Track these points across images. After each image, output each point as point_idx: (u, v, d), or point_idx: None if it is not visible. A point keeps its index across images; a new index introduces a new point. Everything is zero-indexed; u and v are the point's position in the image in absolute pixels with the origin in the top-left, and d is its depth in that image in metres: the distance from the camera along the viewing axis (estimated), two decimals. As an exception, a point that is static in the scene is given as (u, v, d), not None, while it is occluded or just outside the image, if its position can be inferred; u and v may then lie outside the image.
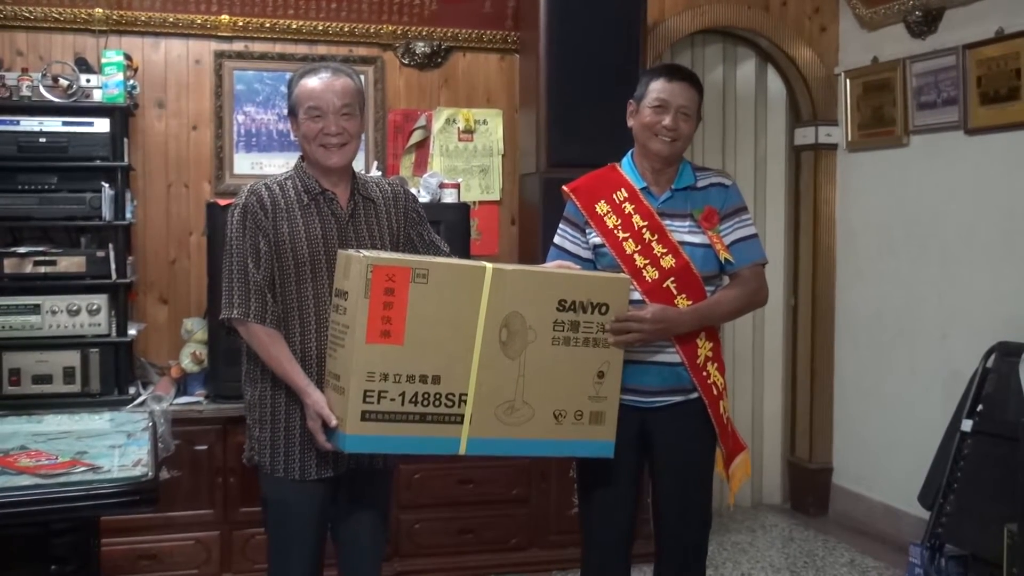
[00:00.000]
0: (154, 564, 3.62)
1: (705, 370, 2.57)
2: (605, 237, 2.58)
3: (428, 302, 2.15)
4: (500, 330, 2.22)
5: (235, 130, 4.16)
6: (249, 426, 2.44)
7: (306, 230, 2.37)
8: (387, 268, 2.11)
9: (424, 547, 3.87)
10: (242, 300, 2.32)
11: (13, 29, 3.90)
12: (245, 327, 2.33)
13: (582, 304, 2.31)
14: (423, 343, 2.15)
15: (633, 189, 2.60)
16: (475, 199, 4.37)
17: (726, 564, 4.14)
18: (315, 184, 2.42)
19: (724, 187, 2.64)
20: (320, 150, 2.39)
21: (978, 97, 3.89)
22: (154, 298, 4.10)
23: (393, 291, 2.11)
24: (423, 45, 4.33)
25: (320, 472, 2.37)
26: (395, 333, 2.12)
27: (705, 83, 4.80)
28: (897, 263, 4.39)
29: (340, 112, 2.38)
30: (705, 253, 2.56)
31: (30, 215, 3.58)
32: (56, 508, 2.05)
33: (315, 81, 2.41)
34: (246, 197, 2.40)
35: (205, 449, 3.66)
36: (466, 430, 2.22)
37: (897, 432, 4.36)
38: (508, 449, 2.31)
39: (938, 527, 3.55)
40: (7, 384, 3.50)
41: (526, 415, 2.27)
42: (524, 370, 2.26)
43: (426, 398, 2.17)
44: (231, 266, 2.35)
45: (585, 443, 2.37)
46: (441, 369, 2.18)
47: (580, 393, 2.33)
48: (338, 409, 2.18)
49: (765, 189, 4.97)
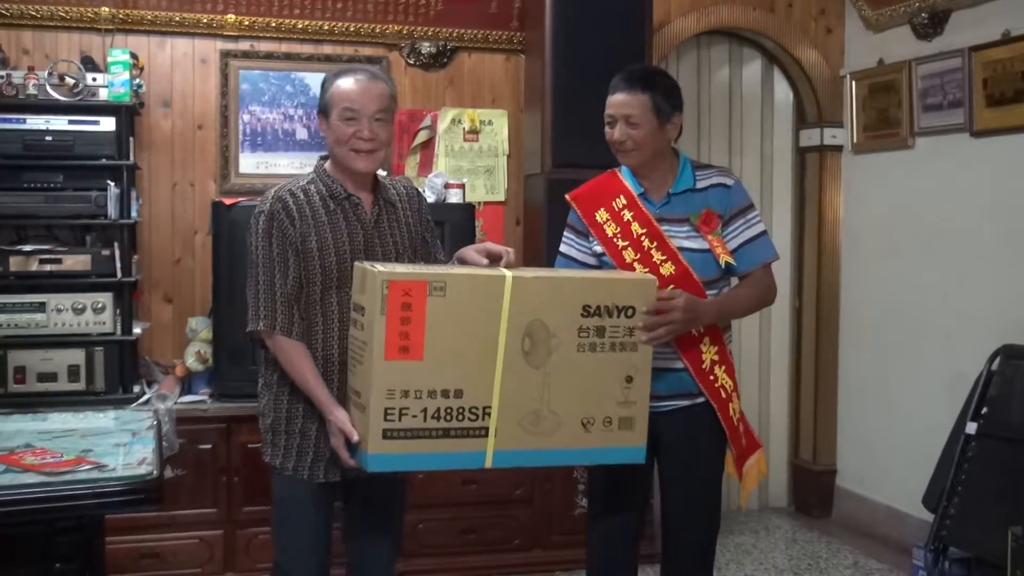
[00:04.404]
0: (158, 563, 3.62)
1: (712, 374, 2.55)
2: (605, 246, 2.55)
3: (447, 315, 2.07)
4: (523, 339, 2.15)
5: (240, 129, 4.17)
6: (263, 430, 2.42)
7: (333, 237, 2.32)
8: (403, 283, 2.04)
9: (427, 547, 3.87)
10: (268, 312, 2.28)
11: (19, 28, 3.91)
12: (272, 339, 2.31)
13: (607, 308, 2.23)
14: (444, 357, 2.08)
15: (632, 196, 2.56)
16: (480, 199, 4.37)
17: (729, 566, 4.14)
18: (340, 188, 2.37)
19: (726, 187, 2.57)
20: (351, 154, 2.34)
21: (984, 99, 3.88)
22: (159, 297, 4.11)
23: (410, 306, 2.04)
24: (429, 45, 4.33)
25: (328, 475, 2.35)
26: (414, 348, 2.05)
27: (710, 84, 4.88)
28: (902, 265, 4.38)
29: (374, 117, 2.33)
30: (704, 258, 2.52)
31: (36, 213, 3.59)
32: (61, 506, 2.05)
33: (352, 83, 2.35)
34: (271, 204, 2.33)
35: (209, 448, 3.66)
36: (491, 443, 2.16)
37: (901, 434, 4.35)
38: (535, 460, 2.26)
39: (942, 530, 3.54)
40: (12, 382, 3.51)
41: (553, 424, 2.20)
42: (549, 379, 2.18)
43: (449, 413, 2.10)
44: (257, 276, 2.31)
45: (615, 450, 2.30)
46: (463, 382, 2.11)
47: (608, 399, 2.26)
48: (360, 427, 2.14)
49: (771, 191, 4.96)
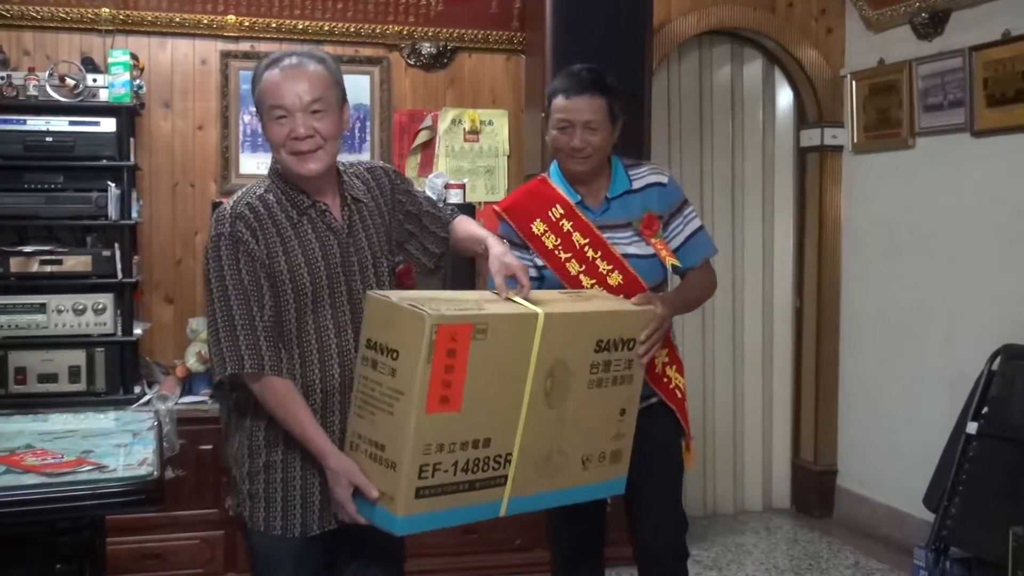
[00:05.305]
0: (159, 563, 3.63)
1: (665, 376, 2.51)
2: (546, 259, 2.44)
3: (486, 359, 1.87)
4: (545, 380, 2.00)
5: (241, 130, 4.17)
6: (235, 478, 2.11)
7: (304, 254, 2.00)
8: (452, 327, 1.80)
9: (427, 547, 3.85)
10: (252, 350, 1.94)
11: (20, 28, 3.91)
12: (261, 381, 1.96)
13: (615, 342, 2.13)
14: (478, 405, 1.89)
15: (569, 204, 2.46)
16: (480, 199, 4.37)
17: (731, 566, 4.13)
18: (302, 197, 2.04)
19: (662, 185, 2.53)
20: (291, 158, 1.99)
21: (985, 99, 3.88)
22: (159, 297, 4.11)
23: (455, 352, 1.81)
24: (429, 46, 4.33)
25: (323, 525, 2.06)
26: (454, 399, 1.84)
27: (711, 84, 4.88)
28: (902, 265, 4.38)
29: (309, 110, 1.98)
30: (650, 264, 2.47)
31: (36, 214, 3.59)
32: (61, 507, 2.04)
33: (276, 75, 1.98)
34: (231, 224, 1.98)
35: (210, 448, 3.66)
36: (508, 491, 2.01)
37: (902, 435, 4.35)
38: (542, 503, 2.13)
39: (943, 530, 3.54)
40: (13, 383, 3.51)
41: (560, 464, 2.09)
42: (563, 419, 2.06)
43: (476, 464, 1.93)
44: (229, 310, 1.95)
45: (604, 484, 2.23)
46: (492, 430, 1.94)
47: (605, 434, 2.18)
48: (383, 485, 1.89)
49: (771, 191, 4.96)
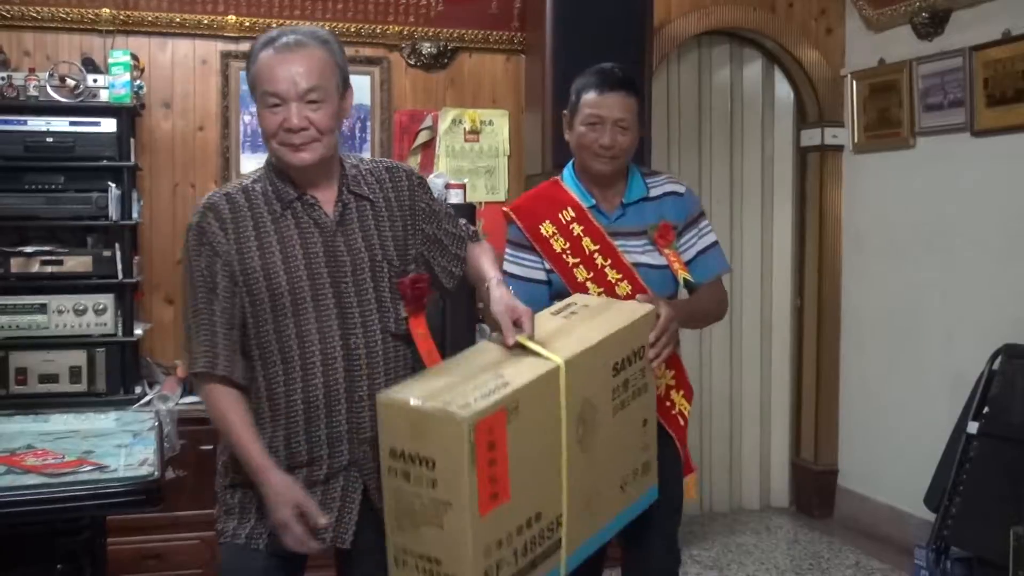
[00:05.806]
0: (159, 563, 3.63)
1: (669, 399, 2.37)
2: (553, 262, 2.34)
3: (523, 436, 1.72)
4: (577, 428, 1.86)
5: (241, 131, 4.16)
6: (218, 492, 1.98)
7: (282, 251, 1.85)
8: (487, 420, 1.63)
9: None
10: (208, 348, 1.83)
11: (20, 29, 3.90)
12: (208, 384, 1.84)
13: (628, 359, 2.01)
14: (524, 484, 1.73)
15: (581, 208, 2.36)
16: (481, 199, 4.36)
17: (731, 566, 4.13)
18: (288, 189, 1.89)
19: (679, 195, 2.44)
20: (282, 149, 1.84)
21: (985, 99, 3.88)
22: (160, 298, 4.11)
23: (495, 444, 1.65)
24: (429, 46, 4.33)
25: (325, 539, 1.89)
26: (503, 491, 1.68)
27: (711, 85, 4.88)
28: (903, 265, 4.38)
29: (305, 99, 1.81)
30: (662, 275, 2.36)
31: (37, 215, 3.59)
32: (62, 507, 2.05)
33: (271, 57, 1.82)
34: (201, 215, 1.87)
35: (210, 449, 3.64)
36: (564, 552, 1.86)
37: (902, 434, 4.35)
38: (594, 546, 1.99)
39: (944, 529, 3.54)
40: (14, 383, 3.51)
41: (602, 501, 1.97)
42: (596, 457, 1.92)
43: (533, 542, 1.77)
44: (195, 304, 1.86)
45: (640, 500, 2.11)
46: (541, 503, 1.79)
47: (634, 449, 2.07)
48: None
49: (772, 191, 4.96)
